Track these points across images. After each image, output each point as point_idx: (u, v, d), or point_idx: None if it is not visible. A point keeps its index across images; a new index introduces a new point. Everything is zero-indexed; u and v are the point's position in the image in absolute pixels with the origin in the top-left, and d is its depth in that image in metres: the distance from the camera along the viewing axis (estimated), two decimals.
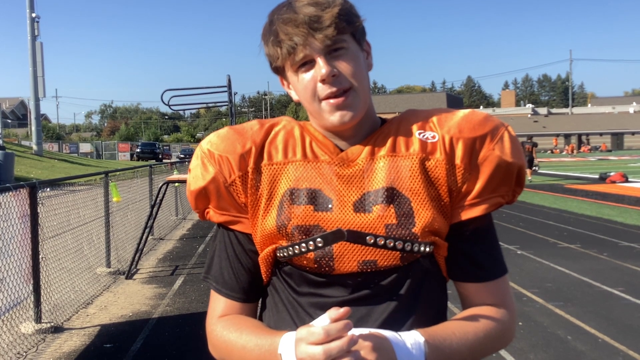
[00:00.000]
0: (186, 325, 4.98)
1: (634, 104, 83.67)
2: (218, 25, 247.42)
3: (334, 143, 1.17)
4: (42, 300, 4.97)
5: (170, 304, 5.69)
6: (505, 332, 1.17)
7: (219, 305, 1.21)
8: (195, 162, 1.18)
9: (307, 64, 1.11)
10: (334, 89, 1.09)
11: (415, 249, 1.09)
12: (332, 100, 1.10)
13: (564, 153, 57.38)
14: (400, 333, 1.05)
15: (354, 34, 1.13)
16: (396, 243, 1.08)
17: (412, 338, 1.05)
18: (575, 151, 57.97)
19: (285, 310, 1.17)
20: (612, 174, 20.31)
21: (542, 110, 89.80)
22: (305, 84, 1.12)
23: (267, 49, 1.16)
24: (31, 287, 4.86)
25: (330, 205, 1.11)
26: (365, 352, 0.97)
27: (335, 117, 1.11)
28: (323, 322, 0.98)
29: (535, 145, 19.99)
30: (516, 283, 6.09)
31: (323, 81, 1.09)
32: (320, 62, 1.09)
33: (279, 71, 1.18)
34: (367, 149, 1.14)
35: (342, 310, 0.96)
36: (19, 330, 4.73)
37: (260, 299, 1.26)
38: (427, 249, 1.11)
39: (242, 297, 1.21)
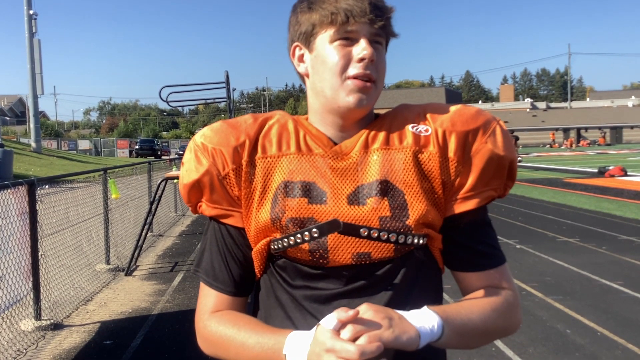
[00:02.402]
0: (186, 321, 4.98)
1: (633, 97, 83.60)
2: (216, 21, 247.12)
3: (327, 136, 1.18)
4: (41, 297, 4.97)
5: (170, 300, 5.70)
6: (513, 310, 1.17)
7: (209, 299, 1.21)
8: (188, 156, 1.19)
9: (347, 39, 1.12)
10: (367, 72, 1.11)
11: (409, 241, 1.10)
12: (358, 81, 1.11)
13: (562, 147, 57.39)
14: (411, 311, 1.05)
15: (387, 42, 1.18)
16: (390, 235, 1.09)
17: (423, 314, 1.05)
18: (574, 145, 58.00)
19: (279, 304, 1.17)
20: (611, 167, 20.34)
21: (541, 105, 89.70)
22: (341, 55, 1.12)
23: (307, 14, 1.15)
24: (31, 285, 4.86)
25: (324, 198, 1.11)
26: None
27: (354, 98, 1.12)
28: (331, 321, 0.97)
29: (517, 139, 20.80)
30: (515, 277, 6.10)
31: (361, 60, 1.11)
32: (364, 42, 1.11)
33: (304, 37, 1.17)
34: (361, 142, 1.15)
35: (352, 312, 0.95)
36: (18, 327, 4.73)
37: (254, 300, 1.25)
38: (421, 241, 1.12)
39: (232, 291, 1.20)
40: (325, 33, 1.13)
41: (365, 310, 0.99)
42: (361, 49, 1.11)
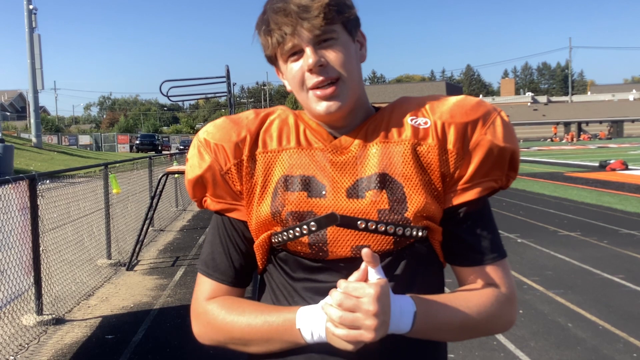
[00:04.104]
0: (187, 316, 4.94)
1: (634, 91, 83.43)
2: (217, 16, 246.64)
3: (327, 131, 1.18)
4: (43, 292, 4.99)
5: (172, 295, 5.71)
6: (502, 313, 1.15)
7: (206, 287, 1.22)
8: (192, 152, 1.21)
9: (297, 53, 1.13)
10: (321, 79, 1.11)
11: (408, 233, 1.10)
12: (318, 92, 1.12)
13: (563, 141, 57.34)
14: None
15: (345, 24, 1.14)
16: (387, 227, 1.09)
17: (403, 299, 1.07)
18: (575, 139, 57.93)
19: (282, 296, 1.18)
20: (612, 161, 20.33)
21: (542, 99, 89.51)
22: (294, 74, 1.14)
23: (260, 39, 1.18)
24: (32, 280, 4.87)
25: (323, 192, 1.12)
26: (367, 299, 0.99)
27: (321, 107, 1.13)
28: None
29: None
30: (517, 271, 6.11)
31: (310, 71, 1.11)
32: (308, 51, 1.10)
33: (272, 60, 1.20)
34: (360, 136, 1.16)
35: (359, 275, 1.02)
36: (20, 322, 4.74)
37: (258, 292, 1.26)
38: (420, 233, 1.12)
39: (231, 281, 1.21)
40: (278, 54, 1.15)
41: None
42: (306, 59, 1.11)
